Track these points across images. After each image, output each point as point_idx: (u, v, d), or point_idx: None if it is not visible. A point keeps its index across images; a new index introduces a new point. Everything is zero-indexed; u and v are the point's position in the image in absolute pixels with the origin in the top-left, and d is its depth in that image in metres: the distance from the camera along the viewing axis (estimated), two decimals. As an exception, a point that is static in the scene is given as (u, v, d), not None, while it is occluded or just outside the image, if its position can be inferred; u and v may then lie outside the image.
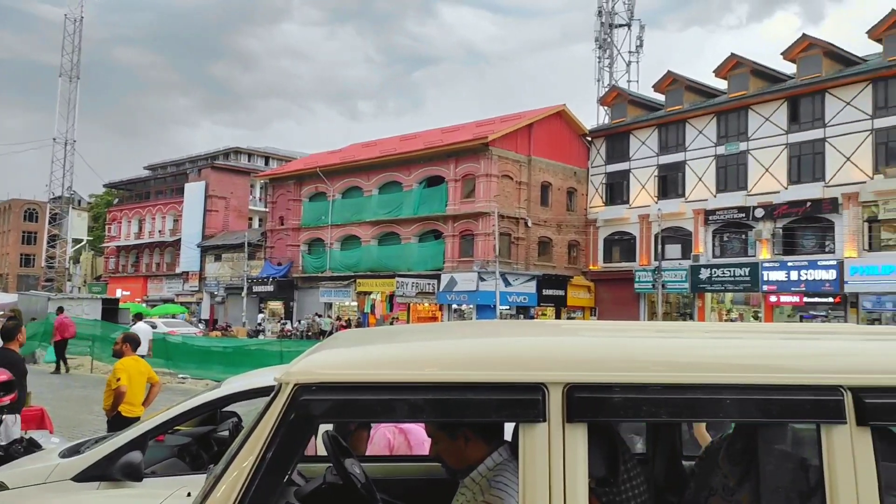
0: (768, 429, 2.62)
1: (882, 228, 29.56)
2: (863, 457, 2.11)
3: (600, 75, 47.25)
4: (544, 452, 2.03)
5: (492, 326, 3.36)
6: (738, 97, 34.39)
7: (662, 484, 3.34)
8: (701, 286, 34.39)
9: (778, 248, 32.32)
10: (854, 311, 29.50)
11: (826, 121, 31.30)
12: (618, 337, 2.50)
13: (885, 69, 29.66)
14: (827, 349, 2.42)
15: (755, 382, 2.14)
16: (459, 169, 38.23)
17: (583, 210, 40.97)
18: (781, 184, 32.48)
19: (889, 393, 2.16)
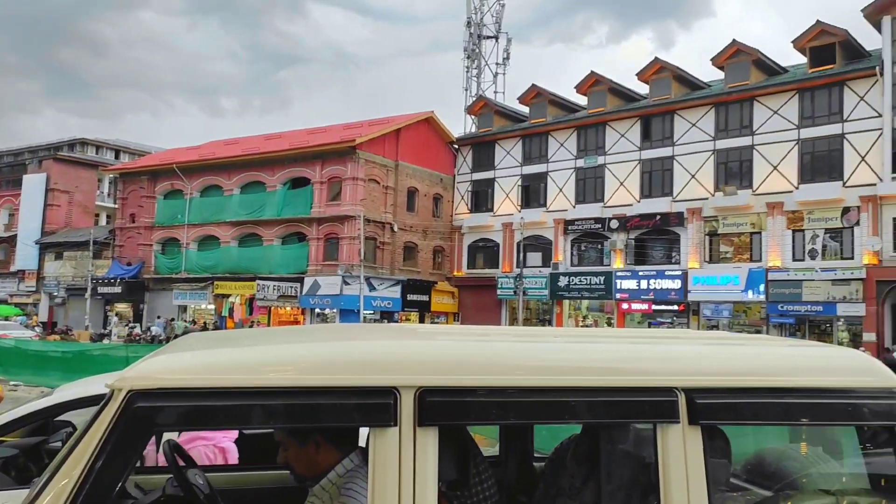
0: (612, 429, 2.70)
1: (721, 242, 31.88)
2: (693, 454, 2.25)
3: (468, 85, 48.15)
4: (395, 457, 2.01)
5: (345, 330, 3.25)
6: (597, 113, 36.04)
7: (514, 485, 3.38)
8: (560, 293, 35.65)
9: (630, 258, 34.07)
10: (696, 319, 31.61)
11: (675, 139, 33.41)
12: (471, 341, 2.51)
13: (725, 94, 32.05)
14: (664, 353, 2.53)
15: (600, 385, 2.23)
16: (325, 171, 37.60)
17: (448, 216, 41.45)
18: (634, 197, 34.31)
19: (717, 393, 2.32)
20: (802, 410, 2.48)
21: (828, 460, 3.06)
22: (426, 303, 39.13)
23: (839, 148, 28.86)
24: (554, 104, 38.89)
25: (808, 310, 28.82)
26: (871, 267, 27.30)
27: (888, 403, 2.53)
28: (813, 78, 29.74)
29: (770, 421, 2.54)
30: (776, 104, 30.53)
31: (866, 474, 2.92)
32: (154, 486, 3.02)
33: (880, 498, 2.82)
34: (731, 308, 30.92)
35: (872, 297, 27.11)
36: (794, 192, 29.60)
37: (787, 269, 29.32)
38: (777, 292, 29.34)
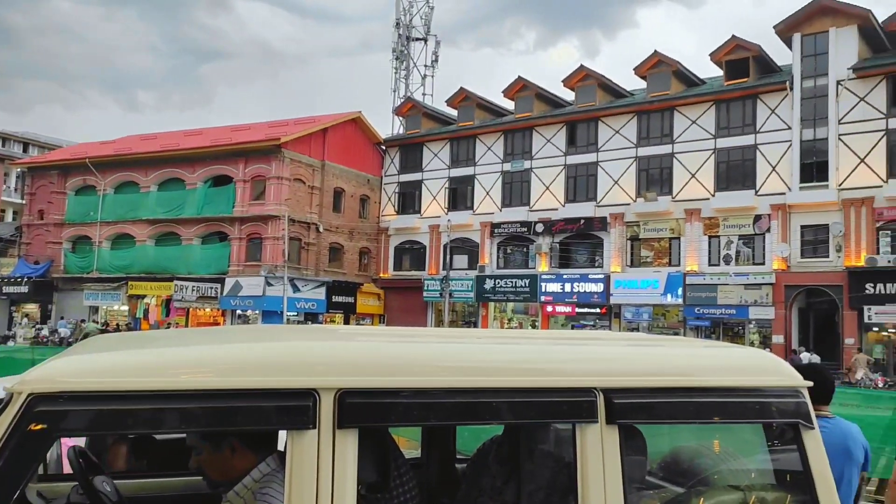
0: (533, 429, 2.76)
1: (642, 246, 32.79)
2: (611, 452, 2.30)
3: (396, 86, 48.05)
4: (313, 460, 1.99)
5: (263, 331, 3.22)
6: (524, 118, 36.53)
7: (435, 487, 3.38)
8: (485, 296, 35.95)
9: (555, 261, 34.65)
10: (617, 321, 32.39)
11: (599, 146, 34.18)
12: (393, 342, 2.50)
13: (647, 104, 33.01)
14: (584, 354, 2.59)
15: (522, 386, 2.25)
16: (249, 170, 36.81)
17: (375, 218, 41.22)
18: (560, 202, 34.93)
19: (634, 393, 2.38)
20: (714, 409, 2.56)
21: (738, 457, 3.16)
22: (352, 304, 38.80)
23: (752, 158, 30.12)
24: (482, 108, 39.21)
25: (722, 313, 29.94)
26: (781, 272, 28.58)
27: (793, 402, 2.66)
28: (728, 90, 30.95)
29: (684, 420, 2.60)
30: (694, 114, 31.64)
31: (772, 470, 3.02)
32: (59, 495, 2.93)
33: (785, 493, 2.91)
34: (650, 311, 31.82)
35: (781, 300, 28.38)
36: (710, 199, 30.71)
37: (703, 274, 30.39)
38: (694, 296, 30.38)
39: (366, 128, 40.99)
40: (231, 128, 42.78)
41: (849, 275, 26.98)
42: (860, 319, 26.85)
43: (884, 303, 26.20)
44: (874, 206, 27.01)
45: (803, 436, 2.70)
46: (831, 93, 28.36)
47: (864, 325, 27.11)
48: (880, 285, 26.27)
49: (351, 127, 40.21)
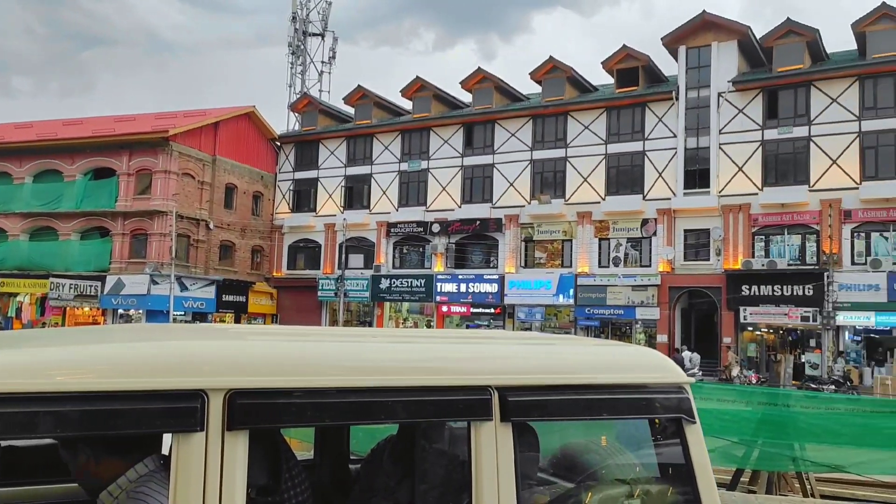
0: (428, 428, 2.75)
1: (536, 248, 33.42)
2: (504, 450, 2.33)
3: (292, 81, 47.07)
4: (200, 464, 1.91)
5: (148, 330, 3.01)
6: (422, 118, 36.52)
7: (329, 488, 3.35)
8: (381, 295, 35.68)
9: (451, 261, 34.80)
10: (511, 321, 32.87)
11: (495, 148, 34.58)
12: (285, 341, 2.43)
13: (542, 108, 33.68)
14: (479, 353, 2.61)
15: (417, 384, 2.24)
16: (134, 163, 35.04)
17: (269, 215, 40.15)
18: (456, 202, 35.11)
19: (528, 391, 2.41)
20: (604, 405, 2.63)
21: (625, 452, 3.22)
22: (243, 304, 37.62)
23: (640, 164, 31.26)
24: (379, 107, 38.93)
25: (611, 313, 30.91)
26: (665, 274, 29.79)
27: (676, 397, 2.75)
28: (619, 98, 32.01)
29: (575, 416, 2.68)
30: (587, 120, 32.54)
31: (657, 464, 3.11)
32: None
33: (668, 485, 3.00)
34: (543, 311, 32.47)
35: (665, 301, 29.59)
36: (601, 203, 31.65)
37: (593, 275, 31.27)
38: (585, 296, 31.21)
39: (260, 123, 39.88)
40: (115, 118, 40.61)
41: (727, 277, 28.43)
42: (737, 319, 28.34)
43: (758, 304, 27.76)
44: (750, 212, 28.58)
45: (685, 430, 2.77)
46: (713, 104, 29.82)
47: (741, 325, 28.64)
48: (755, 287, 27.82)
49: (244, 122, 39.01)
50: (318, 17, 48.23)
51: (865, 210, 26.65)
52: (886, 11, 27.31)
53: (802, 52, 28.80)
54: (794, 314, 27.29)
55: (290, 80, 47.08)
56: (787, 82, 28.64)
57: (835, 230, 26.79)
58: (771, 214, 28.29)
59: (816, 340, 27.43)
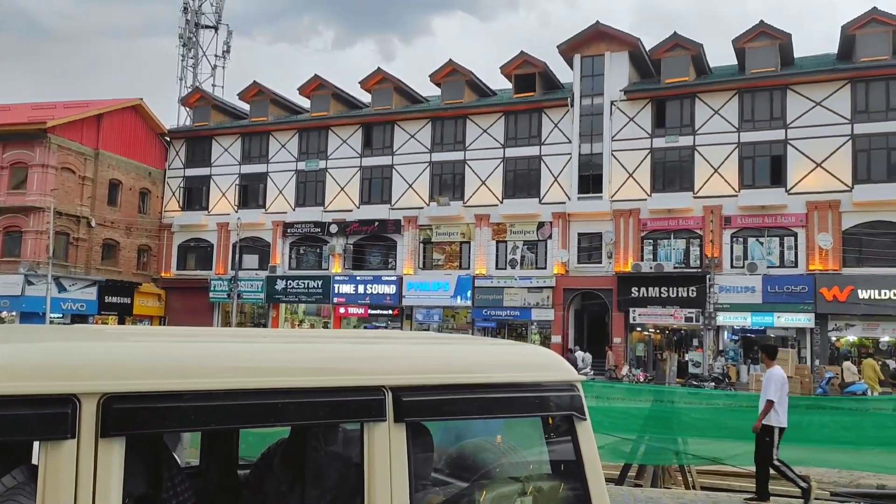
0: (321, 430, 2.70)
1: (434, 250, 33.52)
2: (398, 451, 2.30)
3: (184, 75, 45.38)
4: (71, 473, 1.80)
5: (16, 331, 2.78)
6: (320, 117, 35.96)
7: (215, 495, 3.27)
8: (277, 297, 34.87)
9: (349, 262, 34.40)
10: (409, 323, 32.82)
11: (394, 149, 34.45)
12: (168, 342, 2.37)
13: (441, 110, 33.86)
14: (373, 353, 2.58)
15: (309, 386, 2.19)
16: (7, 155, 32.78)
17: (157, 213, 38.46)
18: (354, 203, 34.75)
19: (422, 391, 2.40)
20: (498, 404, 2.63)
21: (518, 450, 3.23)
22: (128, 306, 35.86)
23: (537, 168, 31.92)
24: (276, 104, 38.06)
25: (507, 314, 31.39)
26: (560, 276, 30.54)
27: (568, 395, 2.79)
28: (516, 103, 32.59)
29: (470, 415, 2.68)
30: (485, 123, 32.94)
31: (549, 461, 3.12)
32: None
33: (560, 482, 3.02)
34: (441, 313, 32.62)
35: (560, 303, 30.33)
36: (499, 205, 32.10)
37: (491, 277, 31.67)
38: (482, 298, 31.57)
39: (148, 117, 38.14)
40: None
41: (618, 279, 29.44)
42: (626, 320, 29.39)
43: (646, 305, 28.89)
44: (640, 217, 29.72)
45: (577, 427, 2.81)
46: (606, 111, 30.84)
47: (630, 326, 29.72)
48: (644, 289, 28.94)
49: (131, 115, 37.22)
50: (212, 8, 46.78)
51: (743, 216, 28.24)
52: (763, 29, 29.04)
53: (688, 65, 30.24)
54: (679, 315, 28.58)
55: (181, 73, 45.38)
56: (673, 93, 29.99)
57: (716, 235, 28.24)
58: (659, 219, 29.52)
59: (699, 340, 28.81)
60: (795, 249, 27.58)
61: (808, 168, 27.50)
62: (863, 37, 27.73)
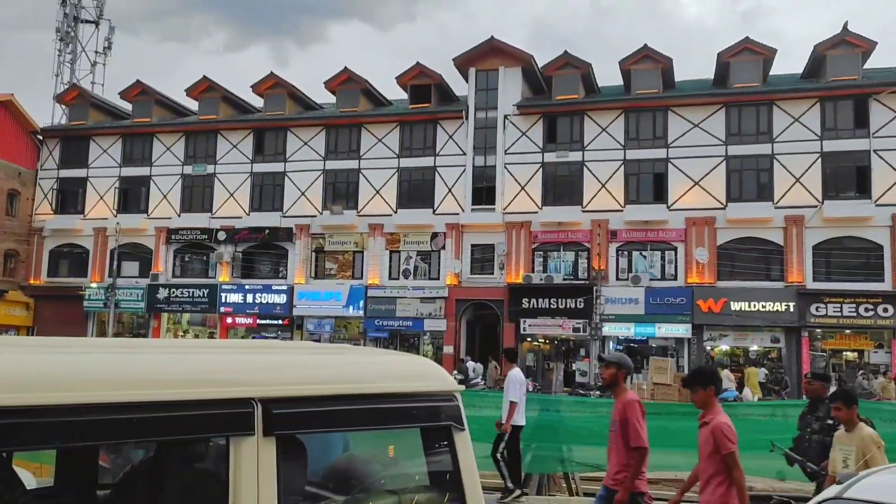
0: (185, 446, 2.57)
1: (326, 259, 32.99)
2: (266, 465, 2.22)
3: (60, 70, 42.72)
4: None
5: None
6: (209, 120, 34.76)
7: None
8: (159, 306, 33.35)
9: (237, 271, 33.34)
10: (299, 333, 32.11)
11: (287, 156, 33.73)
12: (14, 353, 2.14)
13: (336, 118, 33.47)
14: (242, 364, 2.49)
15: (172, 399, 2.09)
16: None
17: (27, 216, 35.95)
18: (244, 210, 33.73)
19: (295, 403, 2.34)
20: (375, 415, 2.61)
21: (397, 461, 3.24)
22: (-9, 315, 33.24)
23: (431, 179, 32.03)
24: (162, 105, 36.52)
25: (400, 325, 31.26)
26: (453, 287, 30.71)
27: (447, 405, 2.79)
28: (412, 113, 32.65)
29: (347, 427, 2.67)
30: (381, 133, 32.79)
31: (427, 472, 3.11)
32: None
33: (439, 492, 3.01)
34: (333, 323, 32.12)
35: (452, 313, 30.48)
36: (393, 215, 31.97)
37: (384, 287, 31.47)
38: (374, 308, 31.30)
39: (18, 113, 35.64)
40: None
41: (509, 290, 29.90)
42: (517, 331, 29.88)
43: (536, 316, 29.48)
44: (531, 229, 30.34)
45: (455, 437, 2.81)
46: (499, 125, 31.38)
47: (521, 336, 30.22)
48: (534, 300, 29.53)
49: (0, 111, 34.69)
50: (93, 2, 44.30)
51: (629, 231, 29.36)
52: (647, 53, 30.41)
53: (578, 83, 31.24)
54: (567, 325, 29.32)
55: (57, 68, 42.70)
56: (564, 110, 30.89)
57: (603, 248, 29.21)
58: (549, 232, 30.24)
59: (586, 350, 29.65)
60: (675, 263, 28.91)
61: (687, 186, 28.92)
62: (736, 64, 29.52)
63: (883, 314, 26.24)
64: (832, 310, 26.71)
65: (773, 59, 29.67)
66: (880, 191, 26.99)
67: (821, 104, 28.10)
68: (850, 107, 27.94)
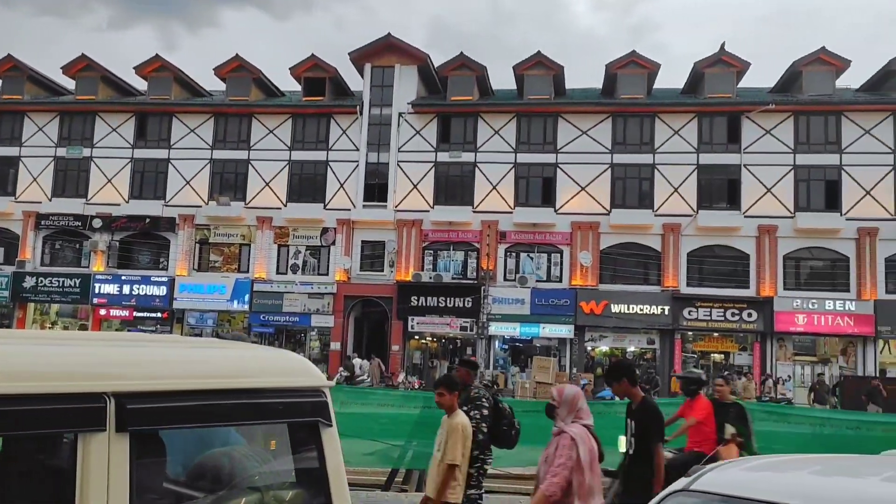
0: (28, 442, 2.46)
1: (211, 251, 31.89)
2: (119, 463, 2.13)
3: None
4: None
5: None
6: (86, 101, 32.86)
7: None
8: (25, 295, 31.35)
9: (113, 260, 31.71)
10: (180, 327, 30.90)
11: (171, 142, 32.34)
12: None
13: (225, 106, 32.39)
14: (94, 357, 2.38)
15: (12, 392, 2.00)
16: None
17: None
18: (123, 197, 32.12)
19: (152, 398, 2.26)
20: (238, 410, 2.54)
21: (263, 457, 3.14)
22: None
23: (323, 173, 31.57)
24: (35, 82, 34.23)
25: (286, 320, 30.65)
26: (342, 283, 30.40)
27: (314, 401, 2.75)
28: (305, 106, 32.06)
29: (208, 423, 2.57)
30: (272, 124, 32.01)
31: (293, 469, 3.06)
32: None
33: (303, 490, 2.98)
34: (215, 317, 31.14)
35: (340, 310, 30.17)
36: (282, 209, 31.29)
37: (271, 281, 30.75)
38: (260, 303, 30.55)
39: None
40: None
41: (398, 288, 29.91)
42: (405, 328, 29.93)
43: (425, 314, 29.63)
44: (422, 227, 30.46)
45: (322, 434, 2.78)
46: (394, 122, 31.31)
47: (408, 334, 30.30)
48: (423, 298, 29.67)
49: None
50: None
51: (517, 232, 30.00)
52: (540, 59, 31.18)
53: (473, 85, 31.63)
54: (456, 324, 29.65)
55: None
56: (458, 111, 31.19)
57: (492, 249, 29.71)
58: (440, 231, 30.46)
59: (473, 348, 30.07)
60: (561, 265, 29.79)
61: (574, 191, 29.86)
62: (623, 76, 30.75)
63: (747, 318, 28.06)
64: (702, 314, 28.32)
65: (657, 73, 31.09)
66: (749, 203, 28.83)
67: (698, 119, 29.72)
68: (724, 123, 29.69)
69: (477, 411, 5.97)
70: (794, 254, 28.56)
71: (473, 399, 6.06)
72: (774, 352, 28.26)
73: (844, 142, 28.61)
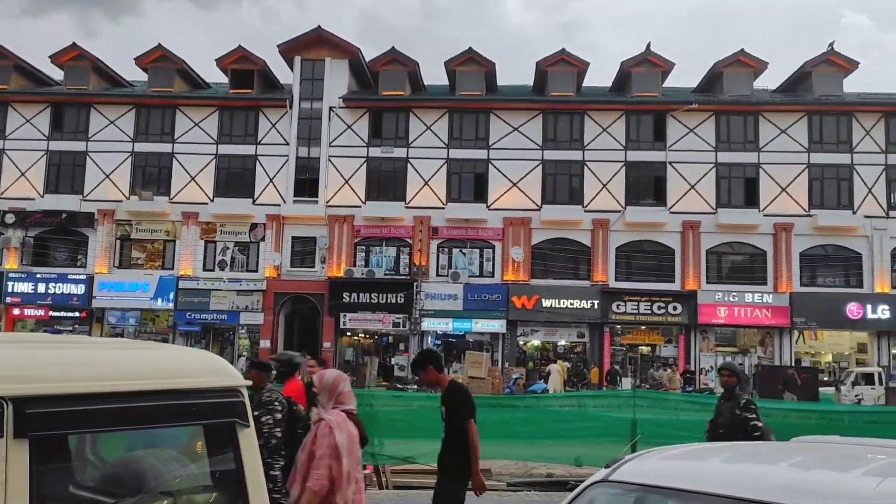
0: None
1: (133, 247, 30.81)
2: (16, 471, 2.04)
3: None
4: None
5: None
6: None
7: None
8: (-71, 296, 29.48)
9: (28, 258, 30.30)
10: (99, 326, 29.78)
11: (90, 134, 31.09)
12: None
13: (147, 98, 31.32)
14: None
15: None
16: None
17: None
18: (38, 191, 30.73)
19: (56, 402, 2.18)
20: (148, 413, 2.47)
21: (178, 460, 3.04)
22: None
23: (252, 167, 30.88)
24: (-59, 69, 32.25)
25: (214, 318, 29.90)
26: (272, 280, 29.84)
27: (231, 402, 2.69)
28: (233, 98, 31.30)
29: (116, 426, 2.48)
30: (198, 116, 31.12)
31: (210, 471, 2.98)
32: None
33: (221, 492, 2.90)
34: (138, 315, 30.18)
35: (270, 307, 29.60)
36: (209, 204, 30.47)
37: (197, 279, 29.94)
38: (186, 300, 29.70)
39: None
40: None
41: (330, 284, 29.55)
42: (337, 325, 29.61)
43: (357, 310, 29.38)
44: (354, 223, 30.16)
45: (239, 434, 2.72)
46: (325, 117, 30.88)
47: (340, 331, 29.99)
48: (355, 294, 29.39)
49: None
50: None
51: (449, 228, 30.03)
52: (472, 56, 31.26)
53: (405, 80, 31.47)
54: (388, 320, 29.50)
55: None
56: (390, 105, 31.00)
57: (424, 245, 29.66)
58: (372, 227, 30.22)
59: (405, 344, 29.98)
60: (493, 261, 29.98)
61: (506, 187, 30.08)
62: (553, 74, 31.13)
63: (673, 312, 28.85)
64: (630, 307, 28.98)
65: (586, 71, 31.59)
66: (674, 199, 29.63)
67: (626, 117, 30.35)
68: (650, 121, 30.43)
69: (269, 416, 5.74)
70: (715, 248, 29.53)
71: (265, 403, 5.81)
72: (698, 343, 29.16)
73: (762, 141, 29.72)
